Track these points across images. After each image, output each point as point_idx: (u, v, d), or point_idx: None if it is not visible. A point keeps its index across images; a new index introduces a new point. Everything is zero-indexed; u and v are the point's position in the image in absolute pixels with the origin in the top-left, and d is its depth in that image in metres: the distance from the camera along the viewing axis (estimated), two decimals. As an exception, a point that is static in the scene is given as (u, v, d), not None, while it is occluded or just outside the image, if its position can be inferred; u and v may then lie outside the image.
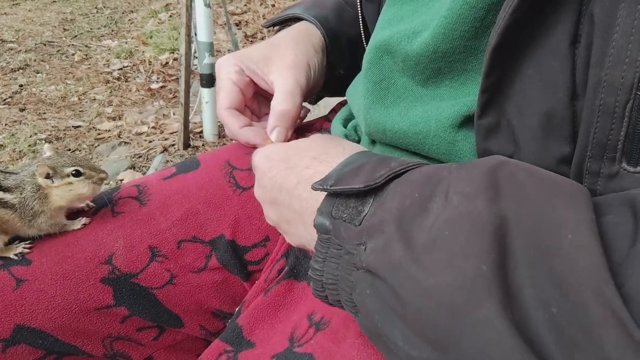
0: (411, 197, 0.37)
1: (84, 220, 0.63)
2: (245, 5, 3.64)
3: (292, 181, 0.48)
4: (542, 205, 0.32)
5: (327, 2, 0.77)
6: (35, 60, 3.02)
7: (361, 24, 0.72)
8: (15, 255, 0.59)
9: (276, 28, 0.78)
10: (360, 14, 0.72)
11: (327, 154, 0.48)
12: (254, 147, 0.64)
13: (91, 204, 0.65)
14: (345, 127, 0.69)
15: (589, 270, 0.28)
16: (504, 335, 0.29)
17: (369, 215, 0.39)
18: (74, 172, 0.60)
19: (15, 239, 0.61)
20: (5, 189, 0.58)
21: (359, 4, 0.71)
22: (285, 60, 0.66)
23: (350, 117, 0.71)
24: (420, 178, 0.38)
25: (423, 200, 0.36)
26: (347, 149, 0.49)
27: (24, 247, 0.60)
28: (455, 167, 0.38)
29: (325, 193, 0.43)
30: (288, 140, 0.64)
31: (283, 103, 0.64)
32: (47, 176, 0.59)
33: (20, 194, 0.58)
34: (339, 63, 0.76)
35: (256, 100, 0.72)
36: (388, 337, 0.36)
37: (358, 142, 0.67)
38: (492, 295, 0.30)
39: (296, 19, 0.75)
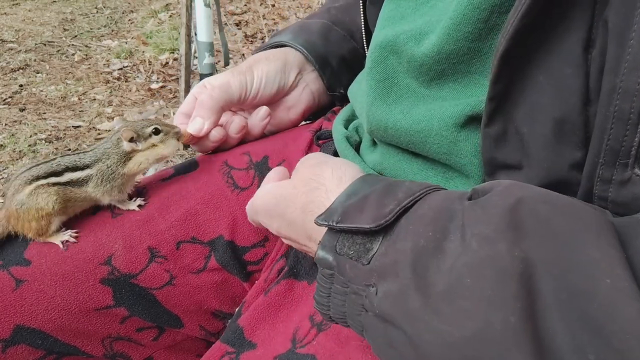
0: (425, 236, 0.36)
1: (139, 201, 0.65)
2: (245, 5, 3.63)
3: (301, 233, 0.48)
4: (570, 245, 0.31)
5: (312, 26, 0.79)
6: (35, 60, 3.02)
7: (363, 30, 0.73)
8: (62, 242, 0.60)
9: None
10: (363, 18, 0.72)
11: (312, 202, 0.47)
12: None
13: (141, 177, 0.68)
14: (346, 127, 0.69)
15: (635, 317, 0.28)
16: None
17: (379, 254, 0.38)
18: (154, 130, 0.62)
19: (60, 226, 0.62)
20: (83, 167, 0.60)
21: (361, 6, 0.71)
22: (238, 67, 0.71)
23: (351, 118, 0.71)
24: (430, 213, 0.37)
25: (438, 238, 0.35)
26: (335, 172, 0.48)
27: (71, 235, 0.61)
28: (468, 204, 0.36)
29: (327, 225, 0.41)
30: (205, 132, 0.68)
31: (202, 94, 0.68)
32: (131, 140, 0.61)
33: (104, 164, 0.60)
34: (336, 84, 0.78)
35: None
36: None
37: (359, 142, 0.67)
38: (521, 347, 0.29)
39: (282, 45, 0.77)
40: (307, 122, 0.83)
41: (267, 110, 0.73)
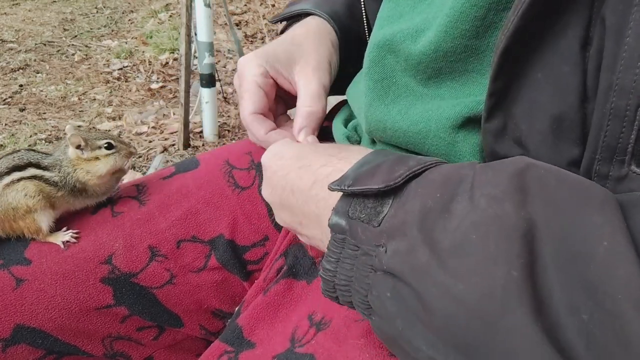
0: (433, 197, 0.36)
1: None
2: (245, 5, 3.63)
3: (307, 181, 0.47)
4: (573, 210, 0.32)
5: None
6: (35, 60, 3.02)
7: (365, 23, 0.72)
8: (63, 243, 0.60)
9: (284, 23, 0.77)
10: (364, 12, 0.71)
11: (345, 152, 0.47)
12: (262, 148, 0.64)
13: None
14: (345, 127, 0.69)
15: (628, 280, 0.28)
16: (535, 343, 0.29)
17: (388, 216, 0.38)
18: (106, 144, 0.60)
19: (61, 226, 0.62)
20: (45, 168, 0.59)
21: (362, 4, 0.71)
22: (309, 61, 0.66)
23: (350, 117, 0.71)
24: (440, 178, 0.38)
25: (445, 201, 0.36)
26: (363, 151, 0.48)
27: (72, 235, 0.60)
28: (480, 166, 0.37)
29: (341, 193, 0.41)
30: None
31: (310, 104, 0.63)
32: (78, 147, 0.59)
33: (59, 171, 0.59)
34: (349, 60, 0.74)
35: (275, 101, 0.70)
36: (410, 342, 0.36)
37: (359, 142, 0.67)
38: (523, 302, 0.30)
39: (306, 14, 0.73)
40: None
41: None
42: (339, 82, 0.76)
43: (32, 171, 0.59)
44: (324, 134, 0.73)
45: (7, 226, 0.59)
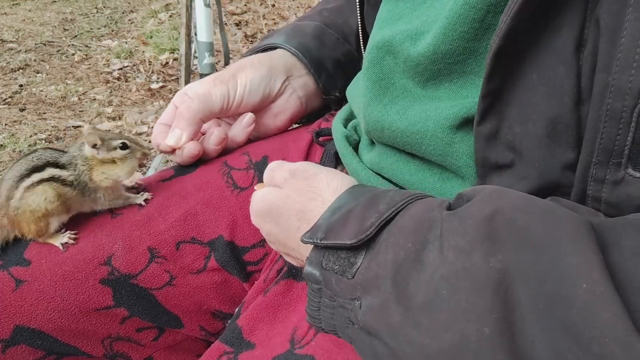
0: (404, 248, 0.36)
1: (146, 195, 0.64)
2: (245, 5, 3.63)
3: (293, 241, 0.49)
4: (547, 253, 0.31)
5: (306, 28, 0.77)
6: (35, 60, 3.02)
7: (361, 32, 0.72)
8: (61, 244, 0.60)
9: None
10: (360, 21, 0.72)
11: (310, 211, 0.47)
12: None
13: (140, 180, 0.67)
14: (345, 127, 0.69)
15: (613, 322, 0.27)
16: None
17: (362, 268, 0.38)
18: (121, 144, 0.61)
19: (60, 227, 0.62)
20: (62, 166, 0.59)
21: (358, 10, 0.71)
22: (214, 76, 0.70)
23: (350, 117, 0.71)
24: (411, 225, 0.38)
25: (417, 249, 0.35)
26: (331, 182, 0.48)
27: (70, 237, 0.60)
28: (446, 214, 0.37)
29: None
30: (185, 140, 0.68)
31: (182, 104, 0.68)
32: (94, 146, 0.59)
33: (74, 170, 0.59)
34: (332, 87, 0.77)
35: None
36: None
37: (358, 142, 0.67)
38: (497, 359, 0.29)
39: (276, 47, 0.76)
40: (298, 125, 0.82)
41: (251, 117, 0.72)
42: (335, 103, 0.79)
43: (50, 171, 0.59)
44: (325, 134, 0.73)
45: (20, 227, 0.59)
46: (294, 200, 0.49)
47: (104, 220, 0.64)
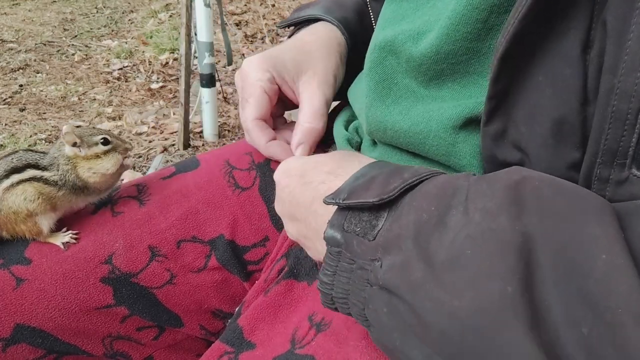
0: (427, 210, 0.36)
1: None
2: (245, 5, 3.64)
3: (308, 197, 0.48)
4: (570, 222, 0.31)
5: (347, 2, 0.75)
6: (35, 60, 3.02)
7: (375, 25, 0.72)
8: (63, 244, 0.59)
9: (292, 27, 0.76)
10: (372, 16, 0.71)
11: (342, 168, 0.48)
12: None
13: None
14: (346, 129, 0.69)
15: (628, 293, 0.28)
16: (532, 359, 0.29)
17: (384, 230, 0.38)
18: (102, 139, 0.60)
19: (61, 226, 0.61)
20: (44, 168, 0.59)
21: (367, 3, 0.71)
22: (316, 73, 0.65)
23: (351, 119, 0.71)
24: (434, 190, 0.38)
25: (440, 213, 0.36)
26: (363, 162, 0.48)
27: (72, 237, 0.60)
28: (474, 179, 0.37)
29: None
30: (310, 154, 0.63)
31: (312, 121, 0.63)
32: (74, 145, 0.59)
33: (57, 170, 0.59)
34: (356, 65, 0.73)
35: (276, 104, 0.70)
36: (406, 355, 0.36)
37: (360, 143, 0.67)
38: (518, 317, 0.29)
39: (315, 19, 0.72)
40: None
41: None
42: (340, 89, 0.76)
43: (31, 172, 0.58)
44: (325, 134, 0.73)
45: (9, 228, 0.59)
46: (324, 164, 0.49)
47: (104, 218, 0.64)
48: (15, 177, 0.57)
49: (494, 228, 0.32)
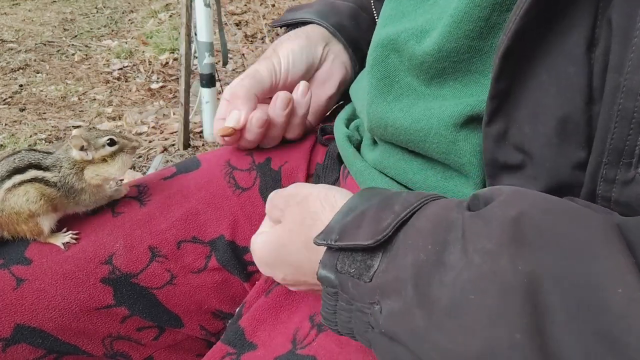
0: (424, 249, 0.35)
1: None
2: (245, 5, 3.64)
3: (307, 274, 0.47)
4: (576, 256, 0.30)
5: (341, 8, 0.76)
6: (35, 60, 3.02)
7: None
8: (63, 244, 0.59)
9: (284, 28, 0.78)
10: (375, 13, 0.71)
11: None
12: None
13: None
14: (347, 127, 0.68)
15: None
16: None
17: (380, 271, 0.37)
18: (108, 141, 0.59)
19: (61, 226, 0.61)
20: (45, 168, 0.58)
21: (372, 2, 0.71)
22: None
23: (352, 117, 0.71)
24: (429, 225, 0.37)
25: (438, 251, 0.35)
26: (325, 201, 0.47)
27: (72, 237, 0.60)
28: (469, 216, 0.36)
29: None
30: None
31: (233, 88, 0.66)
32: (82, 148, 0.58)
33: (59, 172, 0.58)
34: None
35: None
36: None
37: (359, 142, 0.67)
38: None
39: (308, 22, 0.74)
40: (341, 102, 0.80)
41: (305, 85, 0.68)
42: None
43: (32, 173, 0.58)
44: (326, 133, 0.73)
45: (11, 228, 0.59)
46: (296, 232, 0.47)
47: (105, 219, 0.63)
48: (18, 178, 0.57)
49: (495, 270, 0.31)
